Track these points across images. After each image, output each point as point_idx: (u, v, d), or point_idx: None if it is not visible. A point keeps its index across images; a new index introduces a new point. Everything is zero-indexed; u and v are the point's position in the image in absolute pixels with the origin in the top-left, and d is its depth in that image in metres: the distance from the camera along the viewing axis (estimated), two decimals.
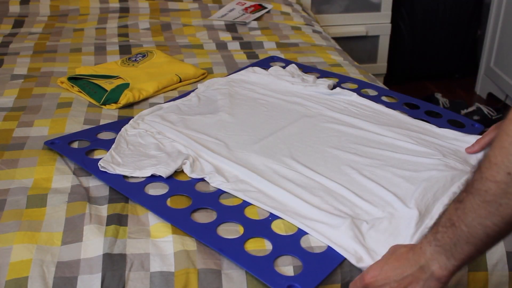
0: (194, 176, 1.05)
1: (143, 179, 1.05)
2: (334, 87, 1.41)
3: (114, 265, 0.86)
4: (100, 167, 1.06)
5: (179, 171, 1.07)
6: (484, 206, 0.67)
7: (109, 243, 0.89)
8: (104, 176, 1.05)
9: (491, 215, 0.67)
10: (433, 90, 2.80)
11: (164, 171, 1.04)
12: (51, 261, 0.86)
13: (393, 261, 0.80)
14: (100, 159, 1.09)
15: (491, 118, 2.47)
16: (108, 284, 0.84)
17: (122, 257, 0.87)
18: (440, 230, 0.74)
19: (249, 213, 0.96)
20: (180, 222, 0.93)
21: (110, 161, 1.08)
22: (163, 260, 0.87)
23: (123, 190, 1.01)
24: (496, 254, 0.93)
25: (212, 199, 1.00)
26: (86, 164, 1.08)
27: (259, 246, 0.89)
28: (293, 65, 1.53)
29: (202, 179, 1.05)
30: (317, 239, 0.90)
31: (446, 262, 0.74)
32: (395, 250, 0.82)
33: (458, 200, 0.72)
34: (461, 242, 0.71)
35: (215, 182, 1.03)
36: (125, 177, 1.05)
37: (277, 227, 0.93)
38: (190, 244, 0.90)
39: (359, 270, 0.89)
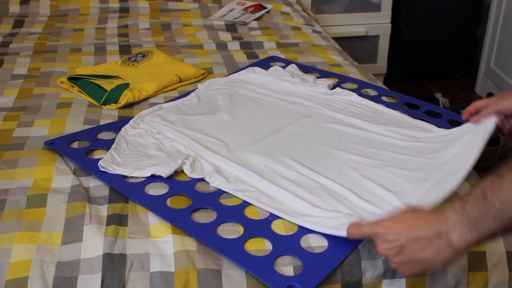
0: (194, 176, 1.05)
1: (143, 179, 1.05)
2: (334, 87, 1.41)
3: (114, 265, 0.86)
4: (100, 167, 1.06)
5: (179, 171, 1.07)
6: None
7: (109, 243, 0.89)
8: (104, 176, 1.05)
9: None
10: (433, 90, 2.80)
11: (164, 171, 1.04)
12: (51, 261, 0.86)
13: (411, 220, 0.77)
14: (100, 159, 1.09)
15: None
16: (108, 284, 0.84)
17: (122, 257, 0.87)
18: (470, 201, 0.72)
19: (249, 213, 0.96)
20: (180, 222, 0.93)
21: (110, 161, 1.08)
22: (163, 260, 0.87)
23: (123, 190, 1.01)
24: (496, 254, 0.93)
25: (212, 199, 1.00)
26: (86, 164, 1.08)
27: (259, 246, 0.89)
28: (293, 65, 1.53)
29: (202, 179, 1.05)
30: (317, 237, 0.90)
31: (467, 234, 0.72)
32: (414, 210, 0.79)
33: (497, 175, 0.70)
34: (489, 217, 0.69)
35: (215, 182, 1.03)
36: (125, 177, 1.05)
37: (277, 227, 0.93)
38: (190, 244, 0.90)
39: (360, 270, 0.89)
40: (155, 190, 1.02)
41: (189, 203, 0.98)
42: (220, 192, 1.02)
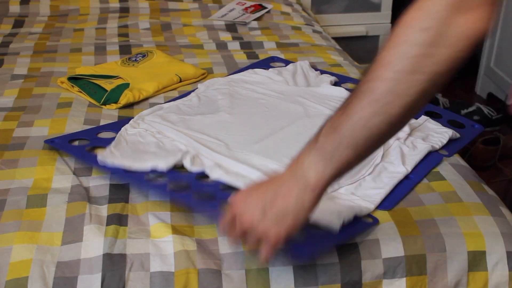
0: (194, 169, 1.06)
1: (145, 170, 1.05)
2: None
3: (114, 265, 0.86)
4: (98, 161, 1.06)
5: (179, 167, 1.07)
6: (369, 106, 0.68)
7: (109, 243, 0.89)
8: (105, 168, 1.06)
9: (375, 115, 0.68)
10: None
11: (164, 164, 1.05)
12: (51, 261, 0.86)
13: (266, 183, 0.77)
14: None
15: (491, 118, 2.47)
16: (108, 284, 0.84)
17: (122, 257, 0.87)
18: (320, 139, 0.72)
19: None
20: (182, 201, 0.97)
21: (108, 155, 1.08)
22: (163, 260, 0.87)
23: (124, 179, 1.02)
24: (496, 254, 0.93)
25: (214, 187, 1.01)
26: (86, 158, 1.09)
27: None
28: (306, 62, 1.53)
29: (203, 173, 1.05)
30: None
31: (322, 170, 0.71)
32: (269, 177, 0.78)
33: (341, 107, 0.71)
34: (342, 147, 0.70)
35: (215, 175, 1.04)
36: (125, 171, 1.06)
37: None
38: (190, 244, 0.90)
39: (360, 270, 0.89)
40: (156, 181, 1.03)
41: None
42: (221, 183, 1.03)
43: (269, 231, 0.74)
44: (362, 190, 1.01)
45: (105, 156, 1.07)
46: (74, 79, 1.42)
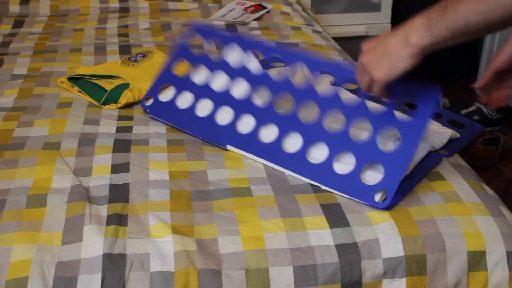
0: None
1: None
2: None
3: (114, 265, 0.86)
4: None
5: None
6: (476, 4, 0.82)
7: (109, 243, 0.89)
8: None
9: (477, 13, 0.82)
10: None
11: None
12: (51, 261, 0.86)
13: (385, 35, 0.94)
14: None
15: (491, 118, 2.47)
16: (108, 284, 0.84)
17: (122, 257, 0.87)
18: (434, 9, 0.87)
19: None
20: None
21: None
22: (163, 260, 0.87)
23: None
24: (496, 254, 0.93)
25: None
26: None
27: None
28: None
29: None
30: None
31: (423, 34, 0.87)
32: (386, 32, 0.95)
33: None
34: (443, 24, 0.85)
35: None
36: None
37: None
38: (190, 244, 0.90)
39: (360, 270, 0.89)
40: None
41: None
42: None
43: (373, 71, 0.93)
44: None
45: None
46: (74, 79, 1.42)
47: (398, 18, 2.73)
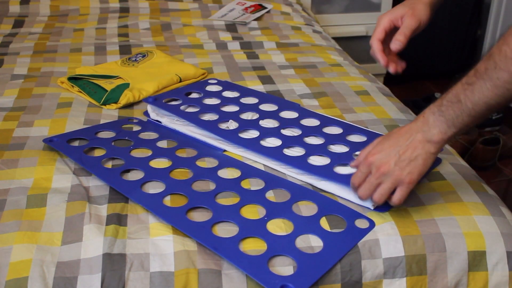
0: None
1: (141, 176, 1.05)
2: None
3: (114, 265, 0.86)
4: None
5: (176, 171, 1.07)
6: (493, 90, 0.80)
7: (109, 243, 0.89)
8: (101, 173, 1.05)
9: (497, 97, 0.81)
10: (433, 90, 2.80)
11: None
12: (51, 261, 0.86)
13: (395, 135, 0.90)
14: (98, 157, 1.10)
15: (491, 118, 2.47)
16: (108, 284, 0.84)
17: (122, 257, 0.87)
18: (445, 104, 0.86)
19: (245, 212, 0.96)
20: (175, 220, 0.94)
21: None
22: (163, 260, 0.87)
23: (120, 188, 1.01)
24: (496, 254, 0.93)
25: (209, 198, 1.00)
26: (83, 162, 1.08)
27: (256, 246, 0.89)
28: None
29: (199, 179, 1.05)
30: (313, 237, 0.91)
31: (446, 129, 0.86)
32: (393, 131, 0.92)
33: (467, 83, 0.84)
34: (464, 115, 0.84)
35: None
36: (122, 174, 1.05)
37: (273, 227, 0.93)
38: (190, 244, 0.90)
39: (360, 270, 0.89)
40: (153, 189, 1.02)
41: (185, 202, 0.99)
42: (216, 192, 1.02)
43: (404, 175, 0.88)
44: None
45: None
46: (74, 79, 1.42)
47: None
